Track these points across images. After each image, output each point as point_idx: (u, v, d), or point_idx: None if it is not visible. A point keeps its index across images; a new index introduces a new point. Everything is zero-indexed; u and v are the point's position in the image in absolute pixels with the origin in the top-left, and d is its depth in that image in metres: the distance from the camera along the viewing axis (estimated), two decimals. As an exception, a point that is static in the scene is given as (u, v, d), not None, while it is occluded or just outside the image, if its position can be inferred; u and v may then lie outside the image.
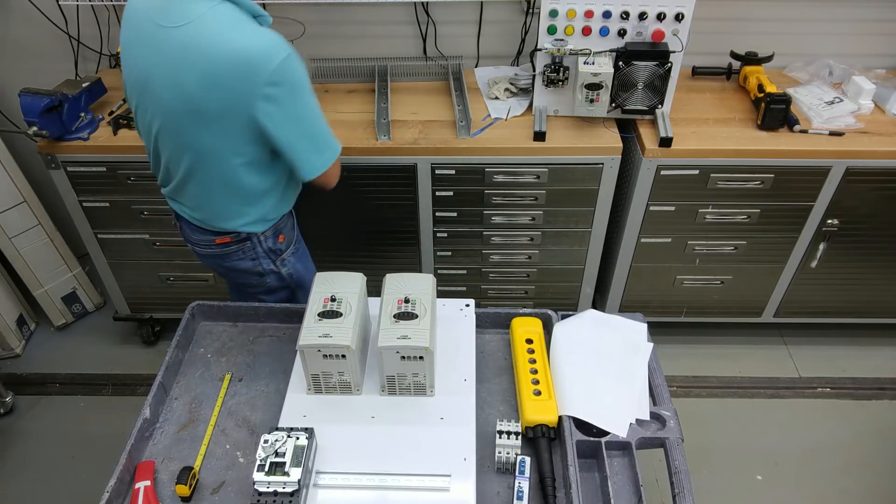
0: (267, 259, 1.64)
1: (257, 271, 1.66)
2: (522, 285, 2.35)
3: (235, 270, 1.66)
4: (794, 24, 2.26)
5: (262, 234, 1.60)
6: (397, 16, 2.27)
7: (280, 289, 1.73)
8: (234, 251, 1.61)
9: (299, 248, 1.74)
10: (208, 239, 1.60)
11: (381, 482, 1.15)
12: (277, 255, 1.66)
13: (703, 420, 2.26)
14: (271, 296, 1.74)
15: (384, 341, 1.22)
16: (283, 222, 1.64)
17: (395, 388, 1.30)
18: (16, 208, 2.35)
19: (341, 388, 1.30)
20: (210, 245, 1.61)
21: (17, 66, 2.38)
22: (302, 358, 1.26)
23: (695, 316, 2.42)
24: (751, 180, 2.02)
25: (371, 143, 1.98)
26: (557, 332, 1.41)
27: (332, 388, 1.30)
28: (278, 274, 1.68)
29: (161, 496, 1.19)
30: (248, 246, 1.60)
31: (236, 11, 1.34)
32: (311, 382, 1.29)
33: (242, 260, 1.63)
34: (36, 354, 2.56)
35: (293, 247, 1.70)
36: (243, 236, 1.58)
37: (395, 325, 1.25)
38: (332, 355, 1.24)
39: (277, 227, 1.62)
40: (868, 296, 2.34)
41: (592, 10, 1.88)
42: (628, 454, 1.24)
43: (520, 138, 2.00)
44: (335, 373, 1.27)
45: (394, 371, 1.27)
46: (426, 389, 1.30)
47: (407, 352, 1.23)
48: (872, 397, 2.34)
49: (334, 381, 1.29)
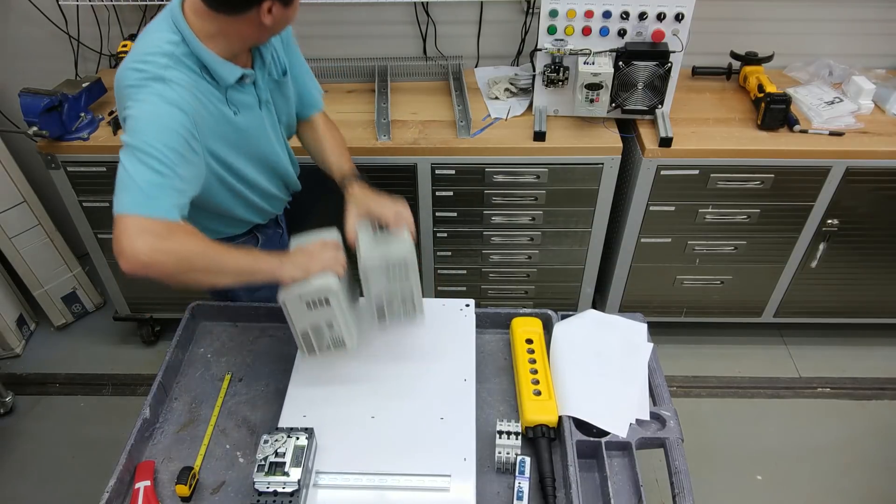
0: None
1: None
2: (522, 285, 2.35)
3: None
4: (794, 24, 2.26)
5: None
6: (397, 16, 2.27)
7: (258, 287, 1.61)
8: None
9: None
10: None
11: (380, 482, 1.15)
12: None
13: (703, 420, 2.26)
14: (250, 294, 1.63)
15: (369, 261, 1.25)
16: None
17: (384, 315, 1.32)
18: (16, 208, 2.35)
19: (335, 346, 1.28)
20: None
21: (17, 66, 2.38)
22: (287, 315, 1.21)
23: (695, 316, 2.42)
24: (751, 180, 2.02)
25: (371, 143, 1.98)
26: (557, 333, 1.41)
27: (326, 349, 1.28)
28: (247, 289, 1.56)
29: (161, 496, 1.19)
30: None
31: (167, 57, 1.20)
32: (302, 343, 1.26)
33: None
34: (36, 354, 2.56)
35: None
36: None
37: (376, 245, 1.29)
38: (316, 302, 1.20)
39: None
40: (868, 296, 2.34)
41: (592, 10, 1.88)
42: (628, 454, 1.24)
43: (520, 138, 2.00)
44: (324, 325, 1.24)
45: (381, 289, 1.27)
46: (415, 309, 1.32)
47: (392, 261, 1.25)
48: (872, 397, 2.34)
49: (325, 337, 1.26)
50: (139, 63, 1.20)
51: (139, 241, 1.08)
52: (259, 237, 1.58)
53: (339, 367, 1.34)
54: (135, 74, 1.19)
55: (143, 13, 2.26)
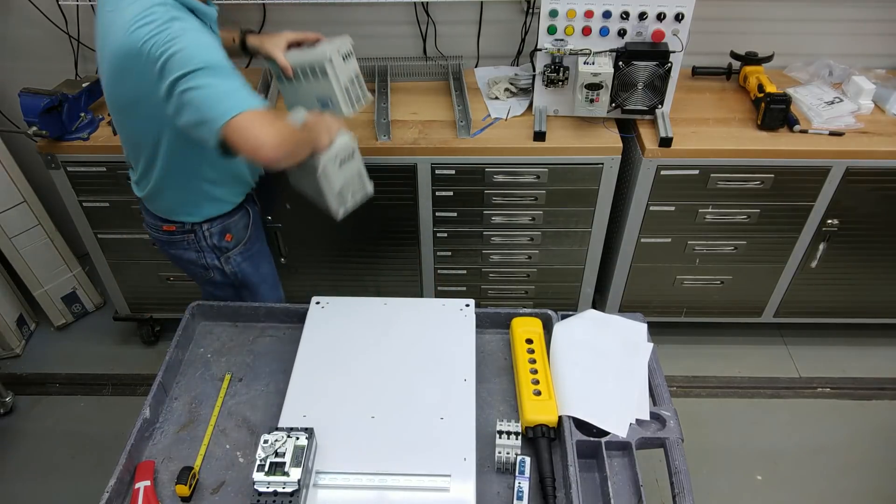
0: (211, 254, 1.66)
1: (201, 264, 1.68)
2: (522, 285, 2.35)
3: (181, 260, 1.69)
4: (794, 24, 2.26)
5: (207, 230, 1.62)
6: (397, 16, 2.27)
7: (224, 284, 1.75)
8: (178, 240, 1.64)
9: (252, 249, 1.73)
10: (157, 224, 1.63)
11: (380, 482, 1.15)
12: (222, 251, 1.67)
13: (703, 420, 2.26)
14: (215, 288, 1.77)
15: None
16: (233, 221, 1.65)
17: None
18: (16, 208, 2.35)
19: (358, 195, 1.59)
20: (158, 230, 1.64)
21: (17, 66, 2.38)
22: (324, 180, 1.45)
23: (695, 316, 2.42)
24: (751, 180, 2.02)
25: (371, 143, 1.98)
26: (557, 332, 1.41)
27: (353, 203, 1.57)
28: (221, 270, 1.70)
29: (161, 496, 1.19)
30: (192, 238, 1.63)
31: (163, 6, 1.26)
32: (335, 203, 1.52)
33: (187, 250, 1.66)
34: (36, 354, 2.56)
35: (243, 246, 1.70)
36: (188, 227, 1.61)
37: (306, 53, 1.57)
38: (344, 158, 1.50)
39: (225, 224, 1.64)
40: (868, 296, 2.34)
41: (592, 10, 1.88)
42: (628, 454, 1.24)
43: (520, 138, 2.00)
44: (355, 176, 1.55)
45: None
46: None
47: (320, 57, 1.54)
48: (872, 397, 2.34)
49: (351, 192, 1.55)
50: (144, 18, 1.25)
51: (264, 129, 1.22)
52: (250, 212, 1.69)
53: (339, 367, 1.34)
54: (148, 27, 1.24)
55: (143, 13, 2.25)
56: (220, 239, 1.65)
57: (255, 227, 1.73)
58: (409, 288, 2.37)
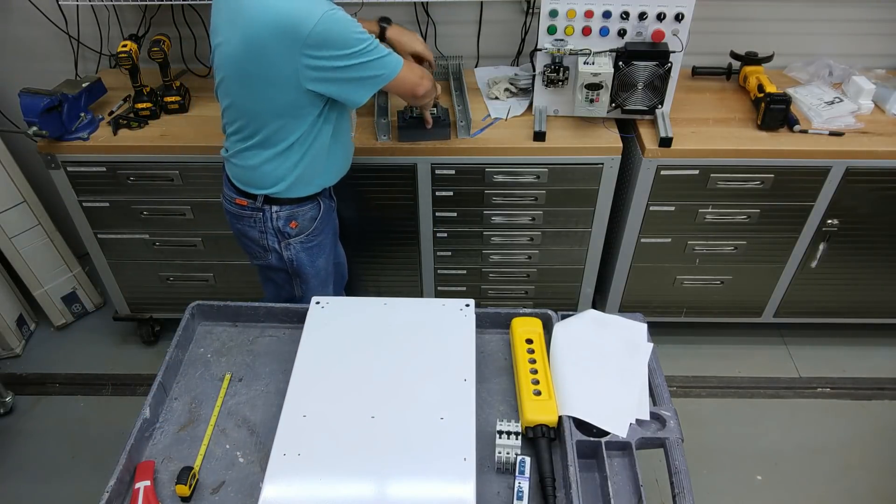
0: (273, 237, 1.71)
1: (262, 244, 1.74)
2: (522, 285, 2.35)
3: (244, 236, 1.76)
4: (794, 24, 2.26)
5: (275, 212, 1.67)
6: (397, 16, 2.26)
7: (279, 269, 1.80)
8: (246, 216, 1.70)
9: (313, 242, 1.77)
10: (232, 196, 1.71)
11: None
12: (284, 237, 1.72)
13: (703, 420, 2.26)
14: (272, 272, 1.83)
15: None
16: (302, 210, 1.70)
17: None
18: (16, 208, 2.35)
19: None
20: (231, 202, 1.72)
21: (17, 66, 2.38)
22: None
23: (695, 316, 2.42)
24: (751, 180, 2.02)
25: (371, 143, 1.98)
26: (557, 332, 1.41)
27: None
28: (279, 255, 1.75)
29: (161, 496, 1.19)
30: (259, 217, 1.68)
31: None
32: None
33: (252, 228, 1.71)
34: (36, 354, 2.56)
35: (305, 237, 1.74)
36: (258, 205, 1.66)
37: None
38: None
39: (293, 211, 1.69)
40: (868, 296, 2.34)
41: (592, 10, 1.88)
42: (628, 454, 1.24)
43: (520, 138, 2.00)
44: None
45: None
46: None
47: None
48: (872, 397, 2.34)
49: None
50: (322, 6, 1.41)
51: (418, 77, 1.62)
52: (321, 205, 1.75)
53: (339, 367, 1.34)
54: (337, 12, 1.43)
55: (142, 13, 2.25)
56: (286, 224, 1.70)
57: (323, 221, 1.77)
58: (409, 288, 2.37)
